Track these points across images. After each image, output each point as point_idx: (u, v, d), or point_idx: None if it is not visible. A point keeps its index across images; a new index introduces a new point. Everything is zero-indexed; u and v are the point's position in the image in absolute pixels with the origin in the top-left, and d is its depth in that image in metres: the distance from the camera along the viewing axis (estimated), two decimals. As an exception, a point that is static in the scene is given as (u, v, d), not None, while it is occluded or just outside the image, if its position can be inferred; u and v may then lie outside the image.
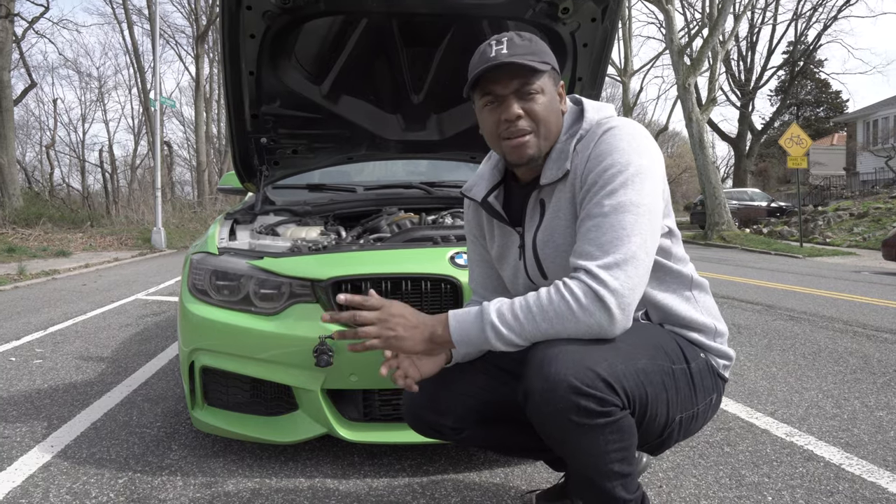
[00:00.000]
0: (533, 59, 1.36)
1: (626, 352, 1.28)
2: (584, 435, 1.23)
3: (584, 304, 1.23)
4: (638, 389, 1.26)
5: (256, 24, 2.33)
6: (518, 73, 1.36)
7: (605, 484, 1.28)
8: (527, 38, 1.39)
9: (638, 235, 1.27)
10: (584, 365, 1.21)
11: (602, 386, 1.21)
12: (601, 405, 1.21)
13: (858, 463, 2.19)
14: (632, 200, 1.28)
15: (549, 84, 1.41)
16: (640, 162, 1.32)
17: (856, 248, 14.29)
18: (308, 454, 2.27)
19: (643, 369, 1.28)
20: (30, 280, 8.41)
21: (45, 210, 17.12)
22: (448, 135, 3.05)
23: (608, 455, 1.25)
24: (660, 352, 1.35)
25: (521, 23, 2.48)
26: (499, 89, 1.38)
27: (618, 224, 1.27)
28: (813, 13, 30.94)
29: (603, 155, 1.33)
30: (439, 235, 2.36)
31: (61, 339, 4.53)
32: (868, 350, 4.01)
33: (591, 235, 1.29)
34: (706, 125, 19.29)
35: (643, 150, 1.34)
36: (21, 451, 2.37)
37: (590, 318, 1.23)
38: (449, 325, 1.32)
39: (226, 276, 2.16)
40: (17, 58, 21.88)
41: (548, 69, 1.39)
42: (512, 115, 1.38)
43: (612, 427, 1.23)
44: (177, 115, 39.76)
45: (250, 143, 2.85)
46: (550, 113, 1.41)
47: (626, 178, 1.30)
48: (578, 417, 1.21)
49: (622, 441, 1.25)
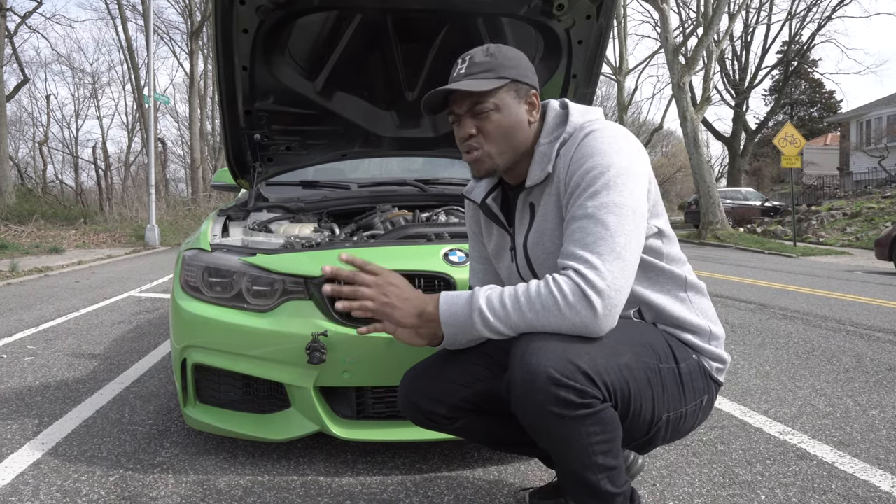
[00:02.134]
0: (486, 77, 1.40)
1: (611, 347, 1.29)
2: (564, 426, 1.24)
3: (571, 301, 1.25)
4: (620, 384, 1.28)
5: (250, 19, 2.31)
6: (469, 94, 1.42)
7: (590, 477, 1.29)
8: (490, 54, 1.43)
9: (622, 236, 1.28)
10: (564, 357, 1.23)
11: (582, 378, 1.23)
12: (581, 397, 1.23)
13: (851, 461, 2.20)
14: (614, 201, 1.30)
15: (509, 97, 1.44)
16: (621, 163, 1.33)
17: (849, 248, 14.37)
18: (301, 452, 2.26)
19: (626, 365, 1.30)
20: (22, 277, 8.36)
21: (38, 206, 17.05)
22: (442, 132, 3.05)
23: (591, 447, 1.26)
24: (647, 349, 1.37)
25: (516, 19, 2.47)
26: (456, 108, 1.46)
27: (602, 225, 1.28)
28: (807, 13, 31.19)
29: (584, 157, 1.35)
30: (433, 232, 2.35)
31: (53, 336, 4.50)
32: (861, 349, 4.03)
33: (576, 237, 1.31)
34: (700, 124, 19.34)
35: (624, 152, 1.35)
36: (11, 448, 2.35)
37: (575, 315, 1.25)
38: (439, 305, 1.34)
39: (218, 272, 2.14)
40: (9, 53, 21.83)
41: (503, 84, 1.42)
42: (464, 134, 1.46)
43: (592, 419, 1.24)
44: (171, 112, 39.66)
45: (244, 140, 2.83)
46: (508, 128, 1.45)
47: (607, 179, 1.31)
48: (558, 409, 1.23)
49: (605, 433, 1.27)
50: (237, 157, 2.89)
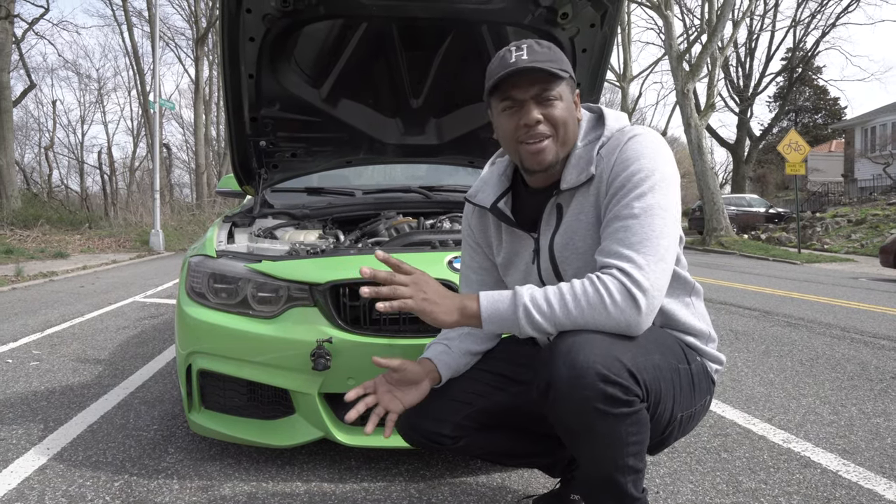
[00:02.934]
0: (553, 66, 1.37)
1: (644, 346, 1.30)
2: (606, 424, 1.24)
3: (618, 300, 1.25)
4: (654, 383, 1.29)
5: (256, 27, 2.33)
6: (538, 79, 1.38)
7: (619, 479, 1.29)
8: (546, 46, 1.41)
9: (665, 238, 1.30)
10: (611, 354, 1.23)
11: (627, 376, 1.23)
12: (626, 394, 1.23)
13: (855, 470, 2.19)
14: (660, 204, 1.31)
15: (567, 91, 1.43)
16: (665, 169, 1.35)
17: (853, 255, 14.32)
18: (305, 458, 2.26)
19: (658, 365, 1.31)
20: (27, 281, 8.39)
21: (44, 211, 17.12)
22: (447, 139, 3.05)
23: (627, 448, 1.27)
24: (670, 350, 1.39)
25: (520, 28, 2.48)
26: (518, 94, 1.39)
27: (647, 226, 1.29)
28: (811, 20, 31.08)
29: (630, 160, 1.35)
30: (437, 240, 2.36)
31: (58, 341, 4.52)
32: (865, 357, 4.02)
33: (619, 235, 1.31)
34: (705, 131, 19.33)
35: (667, 159, 1.38)
36: (17, 453, 2.36)
37: (621, 314, 1.25)
38: (480, 302, 1.31)
39: (224, 278, 2.15)
40: (16, 59, 21.93)
41: (566, 76, 1.41)
42: (532, 119, 1.39)
43: (632, 418, 1.25)
44: (176, 118, 39.79)
45: (249, 146, 2.84)
46: (569, 119, 1.43)
47: (653, 182, 1.33)
48: (604, 405, 1.22)
49: (639, 434, 1.27)
50: (243, 163, 2.90)
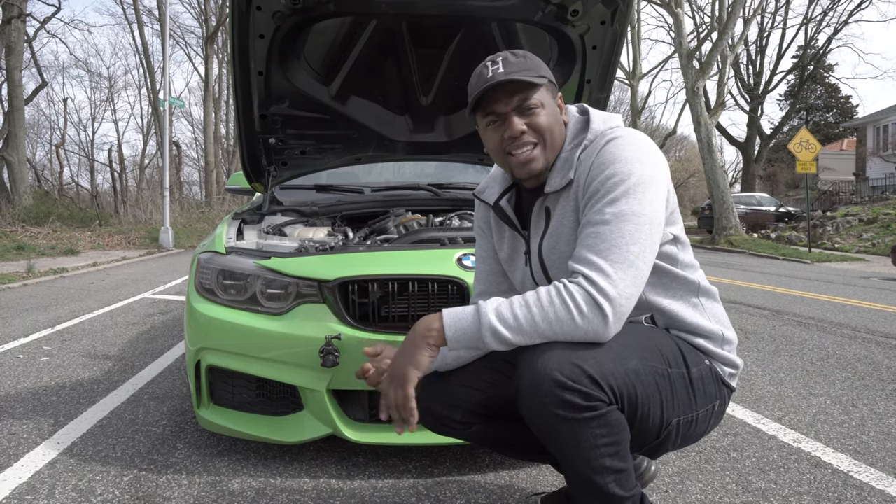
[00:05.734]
0: (529, 75, 1.39)
1: (618, 351, 1.30)
2: (570, 429, 1.25)
3: (584, 311, 1.26)
4: (627, 388, 1.28)
5: (266, 25, 2.33)
6: (517, 90, 1.40)
7: (597, 480, 1.29)
8: (521, 56, 1.43)
9: (637, 244, 1.29)
10: (569, 361, 1.24)
11: (587, 381, 1.24)
12: (586, 399, 1.24)
13: (867, 470, 2.17)
14: (633, 210, 1.31)
15: (548, 97, 1.44)
16: (642, 171, 1.34)
17: (865, 254, 14.21)
18: (313, 454, 2.27)
19: (634, 369, 1.30)
20: (38, 278, 8.45)
21: (54, 209, 17.21)
22: (456, 136, 3.05)
23: (598, 449, 1.27)
24: (655, 354, 1.37)
25: (531, 25, 2.47)
26: (500, 108, 1.42)
27: (617, 232, 1.29)
28: (823, 17, 30.86)
29: (605, 164, 1.36)
30: (447, 237, 2.36)
31: (69, 336, 4.55)
32: (877, 357, 3.99)
33: (589, 241, 1.31)
34: (715, 129, 19.23)
35: (646, 160, 1.36)
36: (28, 447, 2.38)
37: (588, 324, 1.26)
38: (443, 320, 1.32)
39: (233, 275, 2.16)
40: (28, 57, 22.07)
41: (545, 82, 1.42)
42: (516, 131, 1.42)
43: (598, 421, 1.25)
44: (186, 116, 39.90)
45: (258, 144, 2.85)
46: (553, 124, 1.45)
47: (627, 187, 1.32)
48: (563, 411, 1.24)
49: (611, 436, 1.27)
50: (252, 160, 2.91)
